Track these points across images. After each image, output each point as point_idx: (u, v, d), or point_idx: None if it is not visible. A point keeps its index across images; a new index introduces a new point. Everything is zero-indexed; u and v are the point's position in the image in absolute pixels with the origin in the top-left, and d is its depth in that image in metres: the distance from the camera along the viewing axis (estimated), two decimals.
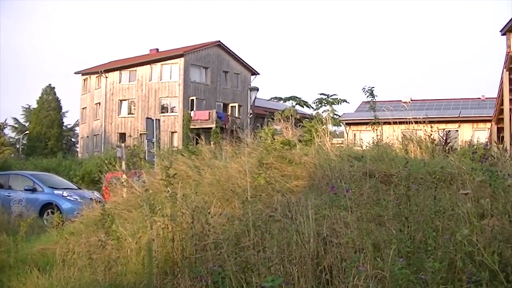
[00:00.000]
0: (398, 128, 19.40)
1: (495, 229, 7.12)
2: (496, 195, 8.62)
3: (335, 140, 27.75)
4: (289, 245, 8.27)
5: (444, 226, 7.80)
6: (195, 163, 15.25)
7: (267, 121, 21.86)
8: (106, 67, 78.82)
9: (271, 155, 13.80)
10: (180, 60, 72.03)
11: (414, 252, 7.47)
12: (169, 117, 71.42)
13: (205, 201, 11.02)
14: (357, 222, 8.23)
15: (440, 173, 10.34)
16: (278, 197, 10.62)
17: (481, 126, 56.55)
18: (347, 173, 11.40)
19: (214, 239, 9.07)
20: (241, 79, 79.76)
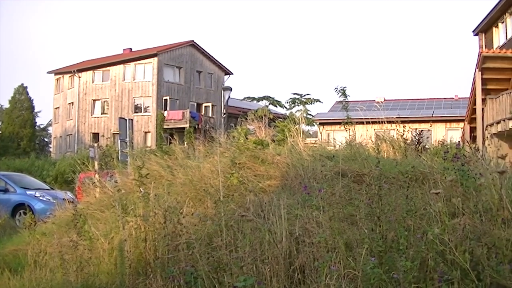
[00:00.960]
0: (371, 127, 19.46)
1: (467, 228, 7.14)
2: (468, 194, 8.69)
3: (308, 139, 27.79)
4: (261, 244, 8.27)
5: (416, 225, 7.83)
6: (168, 163, 15.22)
7: (240, 121, 21.83)
8: (79, 66, 78.33)
9: (244, 154, 13.80)
10: (153, 60, 71.84)
11: (386, 251, 7.48)
12: (142, 117, 71.21)
13: (177, 201, 11.00)
14: (329, 222, 8.24)
15: (412, 173, 10.40)
16: (250, 196, 10.64)
17: (454, 125, 56.95)
18: (319, 173, 11.43)
19: (186, 239, 9.05)
20: (215, 78, 79.71)
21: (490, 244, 7.07)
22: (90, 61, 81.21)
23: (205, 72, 78.21)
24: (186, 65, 75.41)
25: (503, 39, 42.07)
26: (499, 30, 43.27)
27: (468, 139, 42.06)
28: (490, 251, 6.87)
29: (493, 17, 42.97)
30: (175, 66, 74.21)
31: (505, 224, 7.26)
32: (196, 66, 77.04)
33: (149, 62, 72.30)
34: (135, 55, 75.39)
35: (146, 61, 72.63)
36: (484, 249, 6.80)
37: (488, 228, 7.48)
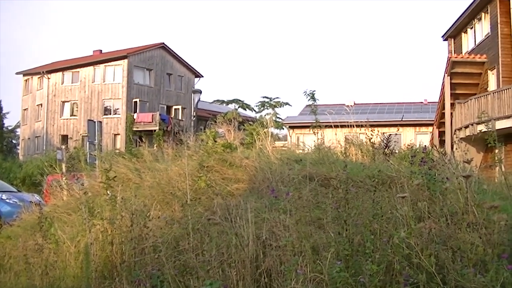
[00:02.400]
0: (341, 131, 19.50)
1: (432, 232, 7.19)
2: (434, 198, 8.73)
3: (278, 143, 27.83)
4: (228, 248, 8.27)
5: (382, 229, 7.85)
6: (136, 166, 15.16)
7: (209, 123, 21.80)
8: (48, 68, 77.71)
9: (212, 158, 13.78)
10: (123, 62, 71.53)
11: (353, 255, 7.50)
12: (112, 119, 70.86)
13: (145, 204, 10.97)
14: (296, 225, 8.24)
15: (378, 177, 10.43)
16: (218, 200, 10.64)
17: (424, 130, 57.28)
18: (287, 176, 11.43)
19: (153, 243, 9.04)
20: (185, 81, 79.56)
21: (455, 248, 7.11)
22: (59, 62, 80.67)
23: (175, 74, 78.04)
24: (156, 68, 75.19)
25: (472, 44, 42.40)
26: (468, 36, 43.61)
27: (437, 143, 42.36)
28: (455, 255, 6.91)
29: (462, 23, 43.30)
30: (145, 68, 73.97)
31: (470, 228, 7.30)
32: (166, 69, 76.84)
33: (119, 64, 71.96)
34: (105, 56, 74.94)
35: (116, 63, 72.28)
36: (449, 252, 6.84)
37: (454, 232, 7.52)
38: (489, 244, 6.82)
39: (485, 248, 6.75)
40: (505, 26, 35.79)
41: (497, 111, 30.81)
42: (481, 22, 40.31)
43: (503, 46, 35.69)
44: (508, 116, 29.95)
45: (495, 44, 36.70)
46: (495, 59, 36.63)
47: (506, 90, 30.72)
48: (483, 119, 15.59)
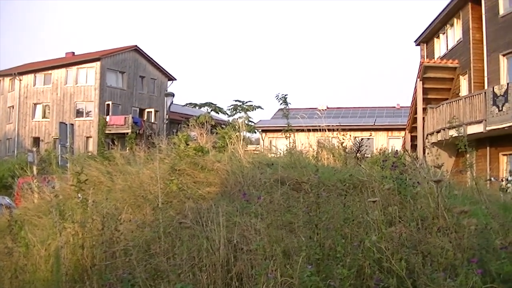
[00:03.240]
0: (313, 135, 19.54)
1: (403, 236, 7.22)
2: (405, 202, 8.78)
3: (250, 146, 27.84)
4: (199, 252, 8.25)
5: (353, 233, 7.88)
6: (107, 169, 15.08)
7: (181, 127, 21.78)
8: (20, 69, 77.16)
9: (184, 161, 13.73)
10: (96, 64, 71.25)
11: (323, 259, 7.52)
12: (84, 121, 70.51)
13: (116, 208, 10.92)
14: (267, 229, 8.23)
15: (349, 181, 10.46)
16: (189, 203, 10.60)
17: (396, 134, 57.63)
18: (258, 180, 11.42)
19: (124, 246, 8.99)
20: (158, 84, 79.42)
21: (426, 252, 7.16)
22: (31, 64, 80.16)
23: (148, 77, 77.88)
24: (129, 70, 74.97)
25: (444, 49, 42.68)
26: (440, 41, 43.91)
27: (409, 147, 42.59)
28: (425, 259, 6.95)
29: (434, 28, 43.59)
30: (118, 71, 73.73)
31: (441, 232, 7.35)
32: (139, 71, 76.67)
33: (91, 67, 71.65)
34: (78, 59, 74.54)
35: (89, 65, 71.94)
36: (419, 257, 6.87)
37: (424, 236, 7.56)
38: (459, 248, 6.87)
39: (455, 252, 6.80)
40: (477, 32, 36.07)
41: (468, 116, 31.04)
42: (453, 28, 40.60)
43: (474, 51, 35.96)
44: (480, 121, 30.18)
45: (467, 49, 36.97)
46: (467, 65, 36.90)
47: (478, 95, 30.95)
48: (454, 124, 15.70)
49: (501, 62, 33.84)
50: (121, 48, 76.15)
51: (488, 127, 29.42)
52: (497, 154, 31.75)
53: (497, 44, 34.06)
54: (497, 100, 28.86)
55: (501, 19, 33.97)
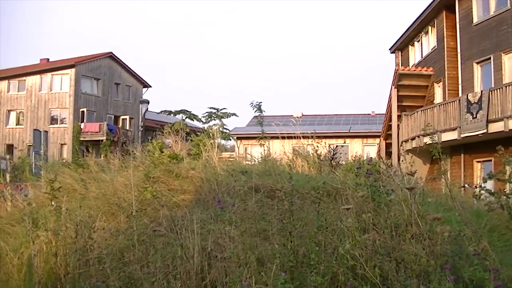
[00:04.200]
0: (289, 142, 19.55)
1: (377, 243, 7.23)
2: (380, 209, 8.79)
3: (225, 154, 27.81)
4: (173, 259, 8.21)
5: (327, 240, 7.87)
6: (81, 176, 15.01)
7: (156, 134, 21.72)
8: None
9: (159, 169, 13.70)
10: (71, 71, 70.89)
11: (297, 267, 7.51)
12: (58, 128, 70.13)
13: (90, 215, 10.84)
14: (241, 237, 8.22)
15: (323, 188, 10.46)
16: (164, 211, 10.55)
17: (371, 141, 57.87)
18: (233, 188, 11.41)
19: (97, 254, 8.93)
20: (133, 91, 79.23)
21: (399, 259, 7.17)
22: (5, 70, 79.33)
23: (123, 84, 77.68)
24: (104, 77, 74.72)
25: (419, 57, 42.96)
26: (415, 49, 44.20)
27: (384, 155, 42.76)
28: (399, 266, 6.97)
29: (409, 36, 43.86)
30: (93, 77, 73.43)
31: (414, 239, 7.37)
32: (114, 78, 76.45)
33: (66, 73, 71.28)
34: (52, 65, 74.07)
35: (64, 72, 71.55)
36: (393, 264, 6.89)
37: (398, 243, 7.58)
38: (432, 255, 6.90)
39: (428, 259, 6.83)
40: (451, 40, 36.35)
41: (443, 123, 31.23)
42: (428, 36, 40.88)
43: (449, 59, 36.23)
44: (454, 129, 30.38)
45: (441, 57, 37.22)
46: (441, 72, 37.14)
47: (452, 103, 31.16)
48: (428, 131, 15.78)
49: (475, 70, 34.11)
50: (96, 55, 75.81)
51: (463, 134, 29.60)
52: (472, 161, 31.96)
53: (471, 52, 34.33)
54: (471, 107, 29.05)
55: (475, 27, 34.24)
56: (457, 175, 31.53)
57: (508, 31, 31.48)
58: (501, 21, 32.09)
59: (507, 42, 31.49)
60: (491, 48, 32.64)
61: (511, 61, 31.48)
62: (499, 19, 32.28)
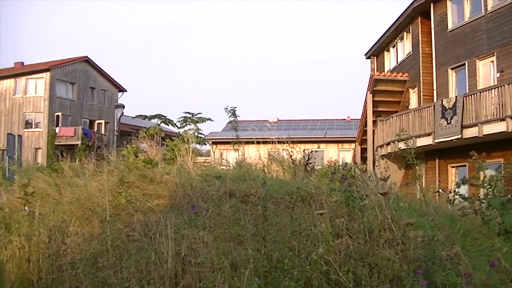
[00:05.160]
0: (264, 147, 19.57)
1: (350, 248, 7.24)
2: (354, 214, 8.81)
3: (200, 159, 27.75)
4: (147, 265, 8.17)
5: (301, 245, 7.87)
6: (55, 181, 14.92)
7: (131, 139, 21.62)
8: None
9: (133, 173, 13.65)
10: (46, 75, 70.41)
11: (271, 272, 7.50)
12: (33, 133, 69.63)
13: (63, 220, 10.79)
14: (215, 242, 8.21)
15: (297, 193, 10.47)
16: (138, 216, 10.52)
17: (346, 146, 58.02)
18: (207, 193, 11.40)
19: (71, 259, 8.88)
20: (108, 95, 78.91)
21: (373, 264, 7.20)
22: None
23: (99, 88, 77.32)
24: (79, 81, 74.31)
25: (394, 63, 43.21)
26: (390, 54, 44.45)
27: (359, 160, 42.92)
28: (372, 271, 7.00)
29: (384, 42, 44.11)
30: (68, 81, 73.01)
31: (387, 244, 7.39)
32: (90, 82, 76.04)
33: (41, 77, 70.78)
34: (27, 69, 73.45)
35: (38, 76, 71.04)
36: (366, 269, 6.91)
37: (371, 248, 7.60)
38: (405, 260, 6.93)
39: (401, 264, 6.86)
40: (426, 46, 36.59)
41: (418, 128, 31.39)
42: (403, 41, 41.14)
43: (424, 65, 36.48)
44: (429, 134, 30.52)
45: (416, 63, 37.46)
46: (416, 78, 37.37)
47: (427, 108, 31.31)
48: (402, 136, 15.87)
49: (450, 76, 34.37)
50: (71, 59, 75.35)
51: (437, 140, 29.75)
52: (446, 166, 32.14)
53: (446, 58, 34.58)
54: (445, 113, 29.21)
55: (450, 34, 34.50)
56: (432, 180, 31.71)
57: (482, 37, 31.72)
58: (476, 27, 32.35)
59: (481, 48, 31.74)
60: (466, 54, 32.90)
61: (485, 67, 31.74)
62: (474, 26, 32.54)
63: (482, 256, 8.15)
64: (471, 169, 17.88)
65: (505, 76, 29.33)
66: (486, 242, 8.81)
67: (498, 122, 25.99)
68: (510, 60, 29.54)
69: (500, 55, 30.24)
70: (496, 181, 9.97)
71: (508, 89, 25.49)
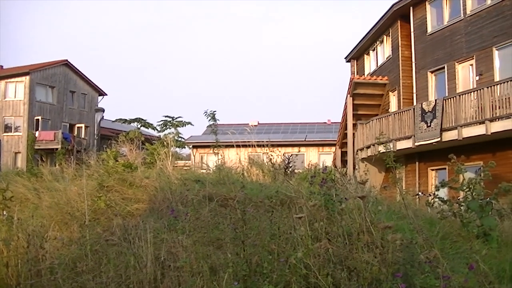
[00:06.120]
0: (245, 151, 19.57)
1: (329, 252, 7.25)
2: (333, 218, 8.81)
3: (180, 162, 27.72)
4: (126, 269, 8.14)
5: (280, 249, 7.86)
6: (34, 185, 14.87)
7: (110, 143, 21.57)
8: None
9: (113, 177, 13.62)
10: (25, 78, 70.07)
11: (250, 275, 7.48)
12: (12, 136, 69.28)
13: (42, 225, 10.72)
14: (194, 246, 8.19)
15: (276, 197, 10.48)
16: (117, 220, 10.48)
17: (327, 150, 58.05)
18: (186, 197, 11.38)
19: (50, 264, 8.83)
20: (89, 99, 78.68)
21: (352, 267, 7.20)
22: None
23: (79, 92, 77.08)
24: (59, 85, 74.02)
25: (374, 66, 43.35)
26: (370, 58, 44.60)
27: (339, 163, 42.98)
28: (351, 274, 6.99)
29: (364, 45, 44.25)
30: (48, 85, 72.70)
31: (367, 247, 7.40)
32: (70, 86, 75.78)
33: (20, 81, 70.42)
34: (6, 72, 73.06)
35: (18, 80, 70.66)
36: (345, 272, 6.91)
37: (350, 251, 7.61)
38: (384, 263, 6.93)
39: (380, 267, 6.86)
40: (406, 49, 36.76)
41: (398, 132, 31.49)
42: (383, 45, 41.30)
43: (403, 68, 36.63)
44: (409, 137, 30.62)
45: (396, 66, 37.61)
46: (396, 81, 37.50)
47: (407, 112, 31.42)
48: (382, 140, 15.84)
49: (429, 79, 34.54)
50: (51, 63, 75.06)
51: (417, 143, 29.87)
52: (426, 169, 32.26)
53: (425, 61, 34.75)
54: (425, 116, 29.33)
55: (429, 37, 34.67)
56: (412, 183, 31.84)
57: (461, 40, 31.90)
58: (455, 31, 32.54)
59: (460, 51, 31.93)
60: (445, 57, 33.08)
61: (464, 70, 31.91)
62: (453, 29, 32.72)
63: (461, 259, 8.18)
64: (451, 172, 17.99)
65: (484, 79, 29.52)
66: (465, 245, 8.83)
67: (477, 125, 26.15)
68: (489, 63, 29.74)
69: (479, 59, 30.43)
70: (475, 184, 10.02)
71: (487, 92, 25.66)
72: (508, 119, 24.49)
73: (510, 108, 24.47)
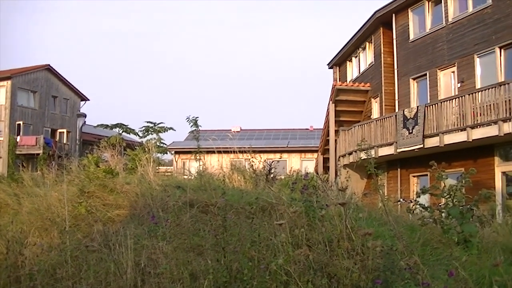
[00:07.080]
0: (227, 157, 19.57)
1: (310, 259, 7.24)
2: (314, 224, 8.81)
3: (162, 168, 27.67)
4: (107, 275, 8.11)
5: (260, 256, 7.84)
6: (15, 191, 14.78)
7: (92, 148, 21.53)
8: None
9: (93, 183, 13.56)
10: (6, 83, 69.73)
11: (231, 282, 7.46)
12: None
13: (22, 231, 10.67)
14: (174, 252, 8.17)
15: (257, 204, 10.46)
16: (98, 226, 10.44)
17: (309, 156, 58.13)
18: (167, 203, 11.35)
19: (29, 270, 8.78)
20: (71, 104, 78.44)
21: (332, 274, 7.19)
22: None
23: (61, 97, 76.82)
24: (41, 90, 73.75)
25: (356, 72, 43.49)
26: (353, 64, 44.75)
27: (321, 169, 43.04)
28: (331, 281, 7.00)
29: (347, 52, 44.40)
30: (30, 90, 72.41)
31: (347, 254, 7.41)
32: (52, 91, 75.53)
33: (2, 85, 70.05)
34: None
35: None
36: (325, 279, 6.91)
37: (330, 258, 7.61)
38: (364, 270, 6.94)
39: (360, 273, 6.86)
40: (388, 56, 36.90)
41: (380, 138, 31.59)
42: (365, 52, 41.45)
43: (386, 75, 36.78)
44: (391, 144, 30.73)
45: (378, 73, 37.74)
46: (378, 88, 37.64)
47: (389, 118, 31.52)
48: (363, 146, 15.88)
49: (411, 86, 34.70)
50: (33, 67, 74.77)
51: (399, 149, 29.99)
52: (408, 176, 32.36)
53: (408, 68, 34.92)
54: (407, 122, 29.45)
55: (411, 44, 34.84)
56: (394, 190, 31.94)
57: (443, 48, 32.06)
58: (437, 38, 32.71)
59: (442, 58, 32.09)
60: (427, 64, 33.25)
61: (446, 77, 32.07)
62: (435, 36, 32.90)
63: (441, 265, 8.20)
64: (432, 178, 18.02)
65: (466, 86, 29.68)
66: (445, 251, 8.85)
67: (458, 132, 26.28)
68: (470, 71, 29.91)
69: (461, 66, 30.59)
70: (456, 190, 10.04)
71: (468, 99, 25.79)
72: (489, 126, 24.62)
73: (491, 115, 24.60)
